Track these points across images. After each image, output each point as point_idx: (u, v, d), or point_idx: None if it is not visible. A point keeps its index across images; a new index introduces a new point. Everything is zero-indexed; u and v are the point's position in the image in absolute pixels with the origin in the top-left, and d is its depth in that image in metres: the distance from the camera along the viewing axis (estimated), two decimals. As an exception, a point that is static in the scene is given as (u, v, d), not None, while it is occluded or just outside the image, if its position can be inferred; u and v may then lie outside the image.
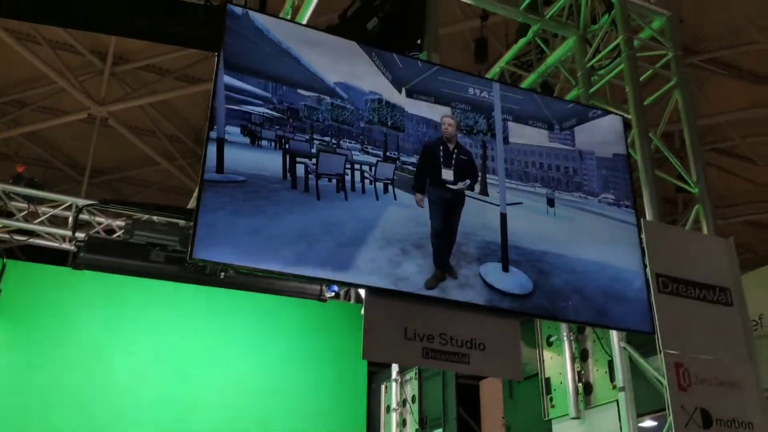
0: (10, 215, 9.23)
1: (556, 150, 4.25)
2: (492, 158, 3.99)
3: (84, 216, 8.91)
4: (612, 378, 5.36)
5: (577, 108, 4.63)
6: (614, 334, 4.75)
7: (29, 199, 9.26)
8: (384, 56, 3.88)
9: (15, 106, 10.83)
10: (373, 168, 3.64)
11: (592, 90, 5.52)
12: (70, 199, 9.08)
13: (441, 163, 3.77)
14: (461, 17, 9.28)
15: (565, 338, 5.98)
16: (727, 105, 10.76)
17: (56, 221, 9.30)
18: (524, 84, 6.39)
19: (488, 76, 6.76)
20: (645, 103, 5.44)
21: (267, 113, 3.53)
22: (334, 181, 3.53)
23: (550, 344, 6.37)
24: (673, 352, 4.14)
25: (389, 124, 3.78)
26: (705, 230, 4.81)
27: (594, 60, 5.62)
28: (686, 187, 5.00)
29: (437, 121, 3.90)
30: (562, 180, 4.21)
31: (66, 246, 9.05)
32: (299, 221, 3.30)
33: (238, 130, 3.43)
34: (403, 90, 3.87)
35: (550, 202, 4.12)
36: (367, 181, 3.60)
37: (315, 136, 3.59)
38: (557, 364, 6.16)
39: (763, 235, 14.27)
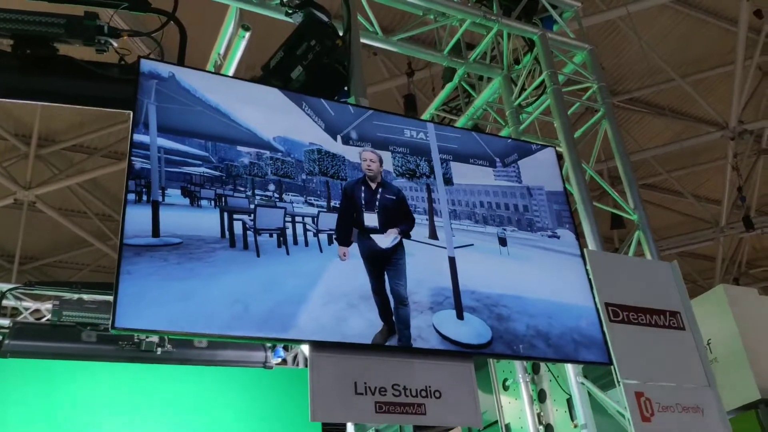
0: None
1: (503, 187, 4.18)
2: (437, 200, 3.88)
3: (10, 302, 8.44)
4: (572, 417, 5.21)
5: (516, 143, 4.60)
6: (570, 370, 4.63)
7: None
8: (313, 104, 3.77)
9: None
10: (316, 219, 3.48)
11: (521, 128, 5.53)
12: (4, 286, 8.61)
13: (362, 206, 3.60)
14: (387, 76, 9.39)
15: (521, 380, 5.83)
16: (651, 141, 11.13)
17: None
18: (457, 125, 6.39)
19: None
20: (576, 135, 5.49)
21: (207, 173, 3.38)
22: (274, 236, 3.36)
23: (506, 388, 6.20)
24: (632, 381, 4.05)
25: (330, 173, 3.65)
26: (648, 256, 4.79)
27: (521, 98, 5.66)
28: (625, 215, 5.00)
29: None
30: (513, 218, 4.12)
31: (-8, 335, 8.52)
32: (236, 281, 3.11)
33: (178, 191, 3.28)
34: (338, 138, 3.75)
35: (502, 242, 4.00)
36: (310, 234, 3.44)
37: (256, 192, 3.44)
38: (516, 408, 5.98)
39: (699, 264, 14.62)
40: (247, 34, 5.35)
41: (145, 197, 3.18)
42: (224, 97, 3.56)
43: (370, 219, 3.60)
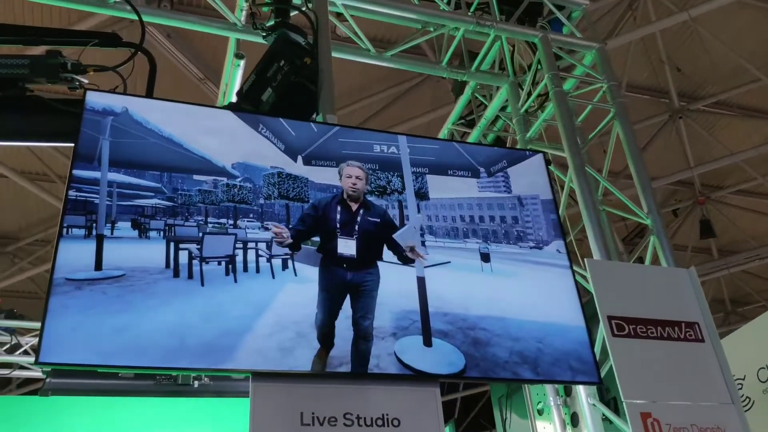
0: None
1: (489, 199, 3.89)
2: (407, 218, 3.65)
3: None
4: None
5: (507, 150, 4.34)
6: (582, 392, 4.29)
7: (11, 331, 9.14)
8: (272, 125, 3.66)
9: (39, 245, 11.06)
10: (270, 244, 3.34)
11: (528, 135, 5.25)
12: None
13: (337, 229, 3.39)
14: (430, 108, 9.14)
15: (552, 404, 5.48)
16: (742, 145, 10.47)
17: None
18: (470, 139, 6.16)
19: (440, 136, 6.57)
20: (590, 138, 5.18)
21: (159, 204, 3.32)
22: (223, 263, 3.24)
23: (540, 413, 5.87)
24: (637, 401, 3.68)
25: (291, 196, 3.51)
26: (663, 263, 4.40)
27: (527, 105, 5.39)
28: (638, 219, 4.63)
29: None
30: (499, 231, 3.82)
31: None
32: (176, 313, 3.00)
33: (128, 224, 3.23)
34: (299, 158, 3.61)
35: (485, 258, 3.69)
36: (263, 260, 3.29)
37: (209, 220, 3.35)
38: (551, 433, 5.63)
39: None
40: (242, 62, 5.36)
41: (94, 231, 3.14)
42: (179, 126, 3.49)
43: (346, 245, 3.39)
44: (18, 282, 11.39)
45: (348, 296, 3.25)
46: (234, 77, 5.37)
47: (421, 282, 3.44)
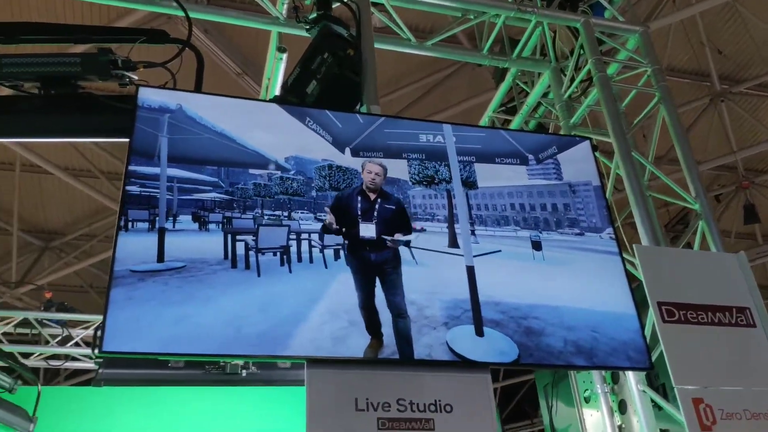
0: (45, 342, 9.37)
1: (539, 187, 3.88)
2: (456, 206, 3.66)
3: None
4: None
5: (556, 136, 4.31)
6: (631, 378, 4.28)
7: (62, 324, 9.39)
8: (318, 117, 3.70)
9: (84, 240, 11.37)
10: (322, 234, 3.40)
11: (572, 121, 5.22)
12: (99, 318, 9.11)
13: (358, 215, 3.44)
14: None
15: (600, 391, 5.46)
16: None
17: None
18: (512, 126, 6.14)
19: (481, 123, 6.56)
20: (635, 123, 5.13)
21: (217, 198, 3.41)
22: (278, 254, 3.31)
23: (587, 400, 5.85)
24: (689, 387, 3.66)
25: (342, 188, 3.56)
26: (712, 248, 4.36)
27: (570, 90, 5.35)
28: (685, 204, 4.58)
29: (395, 177, 3.64)
30: (551, 219, 3.80)
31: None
32: (233, 303, 3.07)
33: (189, 217, 3.32)
34: (347, 150, 3.65)
35: (536, 246, 3.68)
36: (316, 250, 3.35)
37: (266, 212, 3.42)
38: (598, 421, 5.61)
39: None
40: (285, 56, 5.41)
41: (157, 225, 3.24)
42: (231, 122, 3.56)
43: (367, 229, 3.44)
44: (64, 276, 11.68)
45: (377, 278, 3.30)
46: (277, 71, 5.43)
47: (470, 271, 3.46)
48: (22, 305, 11.18)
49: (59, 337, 9.38)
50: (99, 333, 8.44)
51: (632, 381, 4.26)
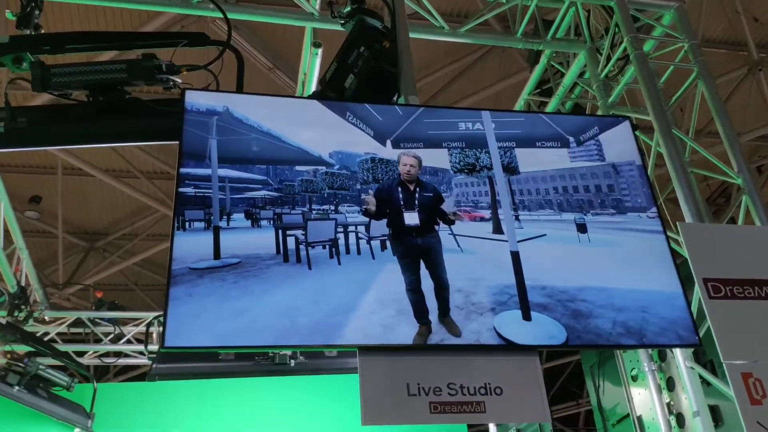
0: (98, 341, 9.66)
1: (582, 169, 3.90)
2: (498, 193, 3.71)
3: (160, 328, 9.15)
4: (704, 404, 4.82)
5: (593, 116, 4.32)
6: (679, 355, 4.30)
7: (113, 322, 9.66)
8: (358, 111, 3.78)
9: (127, 239, 11.72)
10: (368, 226, 3.49)
11: (610, 100, 5.22)
12: (150, 315, 9.38)
13: (401, 206, 3.52)
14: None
15: (647, 369, 5.48)
16: None
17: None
18: (548, 108, 6.15)
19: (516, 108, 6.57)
20: (675, 99, 5.11)
21: (267, 195, 3.53)
22: (327, 247, 3.41)
23: (634, 379, 5.87)
24: (737, 362, 3.67)
25: (385, 179, 3.64)
26: (757, 222, 4.34)
27: (607, 69, 5.34)
28: (728, 179, 4.56)
29: (437, 166, 3.70)
30: (595, 201, 3.81)
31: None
32: (286, 295, 3.18)
33: (242, 215, 3.45)
34: (388, 143, 3.72)
35: (581, 228, 3.70)
36: (363, 242, 3.45)
37: (314, 207, 3.53)
38: (646, 399, 5.63)
39: None
40: (320, 51, 5.49)
41: (212, 223, 3.37)
42: (277, 121, 3.65)
43: (411, 217, 3.53)
44: (109, 275, 11.99)
45: (422, 261, 3.38)
46: (313, 66, 5.51)
47: (515, 256, 3.51)
48: (70, 305, 11.53)
49: (111, 335, 9.66)
50: (160, 329, 8.72)
51: (680, 358, 4.28)
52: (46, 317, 9.17)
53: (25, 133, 3.97)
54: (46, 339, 9.14)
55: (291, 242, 3.34)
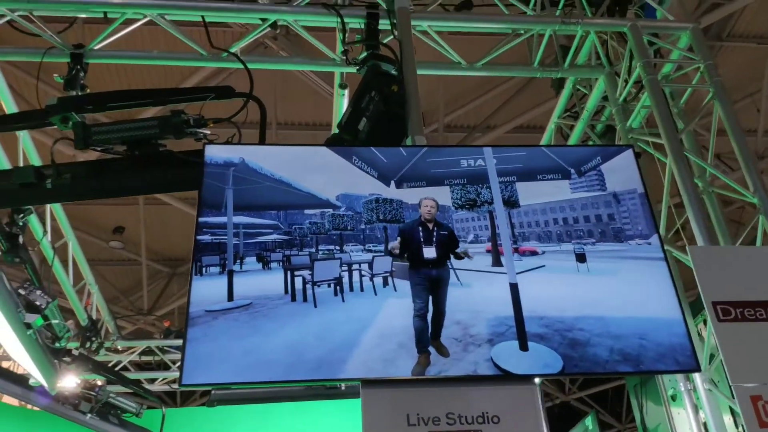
0: (166, 367, 10.19)
1: (582, 200, 4.02)
2: (498, 227, 3.87)
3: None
4: (737, 424, 4.79)
5: (599, 147, 4.43)
6: (697, 377, 4.32)
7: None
8: (363, 154, 4.01)
9: None
10: (371, 264, 3.72)
11: (628, 124, 5.29)
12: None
13: (422, 243, 3.73)
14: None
15: (683, 390, 5.47)
16: None
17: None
18: (575, 132, 6.24)
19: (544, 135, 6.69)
20: (692, 123, 5.14)
21: (278, 238, 3.81)
22: (332, 285, 3.65)
23: (674, 399, 5.85)
24: (747, 385, 3.70)
25: (388, 219, 3.87)
26: (772, 242, 4.34)
27: (624, 93, 5.41)
28: (744, 198, 4.57)
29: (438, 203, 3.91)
30: (595, 230, 3.92)
31: (213, 386, 9.69)
32: (293, 333, 3.43)
33: (254, 259, 3.74)
34: (392, 183, 3.95)
35: (581, 258, 3.82)
36: (366, 279, 3.67)
37: (320, 248, 3.78)
38: (685, 419, 5.60)
39: None
40: (346, 92, 5.79)
41: (227, 267, 3.68)
42: (288, 169, 3.93)
43: (429, 252, 3.74)
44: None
45: (432, 291, 3.58)
46: (340, 106, 5.80)
47: (513, 288, 3.65)
48: (155, 330, 12.16)
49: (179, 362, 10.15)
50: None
51: (698, 380, 4.29)
52: (118, 347, 9.76)
53: (69, 188, 4.40)
54: (119, 367, 9.73)
55: (299, 282, 3.60)
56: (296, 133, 9.40)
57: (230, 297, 3.56)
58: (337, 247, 3.78)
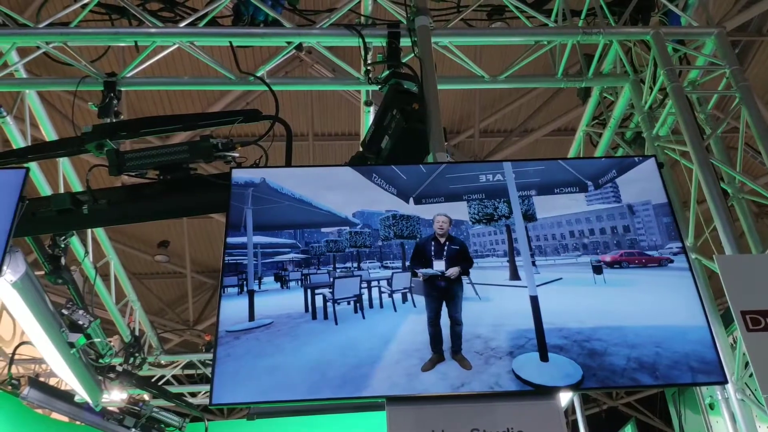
0: (209, 380, 10.38)
1: (598, 212, 4.04)
2: (516, 240, 3.91)
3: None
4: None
5: (616, 159, 4.44)
6: (730, 387, 4.27)
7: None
8: (384, 173, 4.08)
9: None
10: (390, 281, 3.78)
11: (655, 131, 5.26)
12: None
13: (432, 256, 3.78)
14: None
15: (720, 398, 5.40)
16: None
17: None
18: (603, 140, 6.22)
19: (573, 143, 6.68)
20: (718, 130, 5.10)
21: (295, 257, 3.89)
22: (351, 302, 3.73)
23: (711, 407, 5.78)
24: (776, 396, 3.65)
25: (405, 235, 3.93)
26: (803, 249, 4.26)
27: (650, 101, 5.38)
28: (773, 206, 4.50)
29: (456, 218, 3.95)
30: (611, 242, 3.94)
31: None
32: (316, 350, 3.50)
33: (272, 278, 3.82)
34: (411, 200, 4.01)
35: (597, 270, 3.84)
36: (385, 295, 3.73)
37: (337, 265, 3.86)
38: (723, 428, 5.53)
39: None
40: (372, 109, 5.88)
41: (245, 288, 3.77)
42: (308, 188, 4.03)
43: (438, 264, 3.79)
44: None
45: (444, 301, 3.64)
46: (366, 122, 5.90)
47: (534, 301, 3.68)
48: (201, 342, 12.40)
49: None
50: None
51: (731, 390, 4.25)
52: (161, 361, 10.00)
53: (105, 213, 4.58)
54: (162, 381, 9.97)
55: (319, 300, 3.68)
56: (333, 143, 9.55)
57: (251, 317, 3.66)
58: (355, 265, 3.86)
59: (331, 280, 3.78)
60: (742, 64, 8.34)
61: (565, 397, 6.02)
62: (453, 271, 3.73)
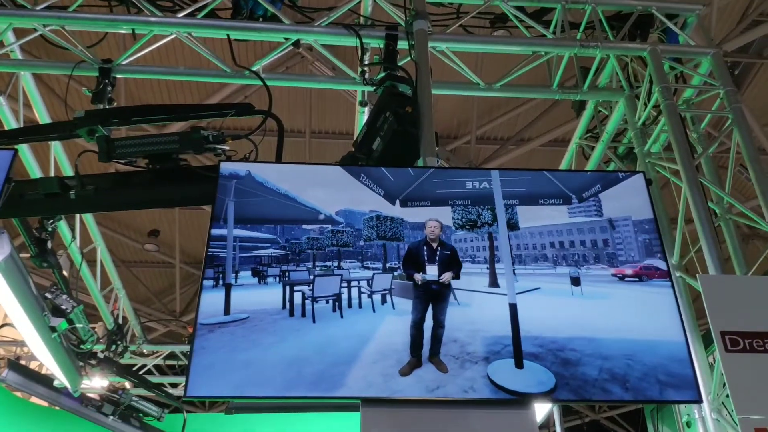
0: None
1: (579, 224, 4.06)
2: (498, 247, 3.93)
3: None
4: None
5: (601, 174, 4.46)
6: (706, 407, 4.29)
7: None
8: (373, 174, 4.09)
9: None
10: (370, 281, 3.78)
11: (646, 147, 5.27)
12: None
13: (425, 261, 3.79)
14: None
15: (697, 417, 5.41)
16: None
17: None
18: (595, 154, 6.23)
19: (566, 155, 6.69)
20: (710, 150, 5.11)
21: (274, 253, 3.88)
22: (330, 301, 3.72)
23: (689, 425, 5.78)
24: (753, 417, 3.66)
25: (388, 236, 3.93)
26: (787, 272, 4.28)
27: (644, 117, 5.39)
28: (760, 227, 4.52)
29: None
30: (590, 255, 3.97)
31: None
32: (293, 347, 3.49)
33: (249, 273, 3.80)
34: (397, 202, 4.01)
35: (575, 281, 3.87)
36: (364, 296, 3.73)
37: (317, 264, 3.85)
38: (699, 447, 5.54)
39: None
40: (366, 109, 5.88)
41: (221, 281, 3.75)
42: (293, 183, 4.03)
43: (431, 269, 3.81)
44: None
45: (431, 304, 3.65)
46: (360, 122, 5.90)
47: (512, 308, 3.70)
48: (187, 333, 12.36)
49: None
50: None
51: (706, 409, 4.26)
52: (144, 350, 9.97)
53: (93, 199, 4.56)
54: (143, 370, 9.93)
55: (297, 297, 3.67)
56: (329, 141, 9.55)
57: (227, 311, 3.64)
58: (336, 263, 3.85)
59: (311, 277, 3.77)
60: (741, 86, 8.38)
61: (544, 408, 6.02)
62: (447, 276, 3.76)
